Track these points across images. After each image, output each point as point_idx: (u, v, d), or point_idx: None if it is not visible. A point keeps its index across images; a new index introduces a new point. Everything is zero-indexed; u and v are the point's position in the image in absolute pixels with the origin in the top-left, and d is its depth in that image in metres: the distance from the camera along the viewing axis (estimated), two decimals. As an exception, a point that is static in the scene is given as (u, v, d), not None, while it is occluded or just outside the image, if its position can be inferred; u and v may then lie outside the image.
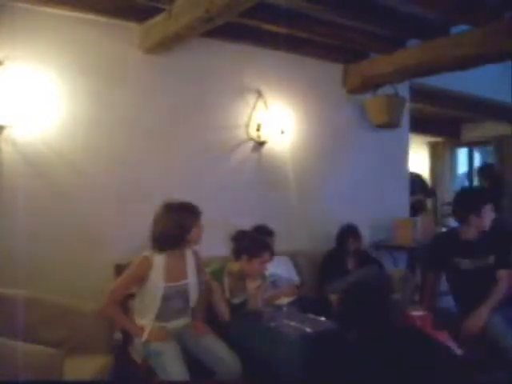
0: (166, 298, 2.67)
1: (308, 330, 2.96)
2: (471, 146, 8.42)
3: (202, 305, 2.90)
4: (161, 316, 2.69)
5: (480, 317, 2.92)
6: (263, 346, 2.76)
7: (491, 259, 3.06)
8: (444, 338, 2.71)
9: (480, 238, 3.11)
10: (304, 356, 2.62)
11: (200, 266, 2.91)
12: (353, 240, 4.10)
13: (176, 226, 2.70)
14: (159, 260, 2.70)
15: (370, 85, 4.73)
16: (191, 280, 2.79)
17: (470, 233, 3.14)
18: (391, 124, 4.85)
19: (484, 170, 6.26)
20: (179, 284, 2.73)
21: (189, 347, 2.72)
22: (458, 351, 2.61)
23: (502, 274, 3.05)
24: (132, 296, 2.85)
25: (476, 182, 6.08)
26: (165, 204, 2.76)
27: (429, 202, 7.35)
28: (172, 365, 2.49)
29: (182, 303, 2.76)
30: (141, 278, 2.67)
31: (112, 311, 2.68)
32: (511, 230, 5.43)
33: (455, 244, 3.16)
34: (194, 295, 2.79)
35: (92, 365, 2.65)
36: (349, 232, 4.14)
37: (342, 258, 4.10)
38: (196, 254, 2.89)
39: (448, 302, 3.43)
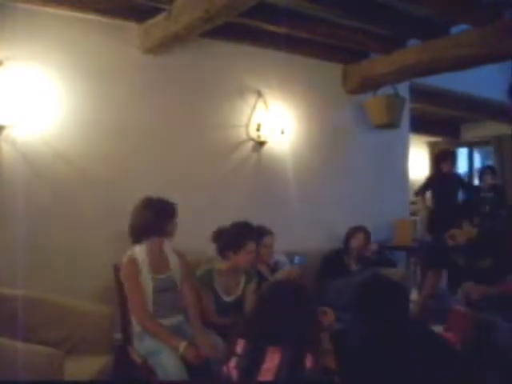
0: (157, 290, 2.73)
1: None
2: (471, 146, 8.42)
3: (197, 303, 2.91)
4: (156, 312, 2.72)
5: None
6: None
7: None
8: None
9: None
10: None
11: (188, 269, 2.96)
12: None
13: (153, 217, 2.79)
14: (141, 253, 2.76)
15: (369, 85, 4.73)
16: (175, 271, 2.85)
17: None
18: (391, 124, 4.85)
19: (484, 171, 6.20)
20: (166, 276, 2.81)
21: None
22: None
23: None
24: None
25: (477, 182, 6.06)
26: (144, 198, 2.88)
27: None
28: (171, 364, 2.49)
29: (172, 295, 2.81)
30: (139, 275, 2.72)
31: (151, 325, 2.67)
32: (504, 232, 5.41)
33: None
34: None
35: (92, 365, 2.65)
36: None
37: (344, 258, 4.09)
38: (182, 257, 2.94)
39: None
